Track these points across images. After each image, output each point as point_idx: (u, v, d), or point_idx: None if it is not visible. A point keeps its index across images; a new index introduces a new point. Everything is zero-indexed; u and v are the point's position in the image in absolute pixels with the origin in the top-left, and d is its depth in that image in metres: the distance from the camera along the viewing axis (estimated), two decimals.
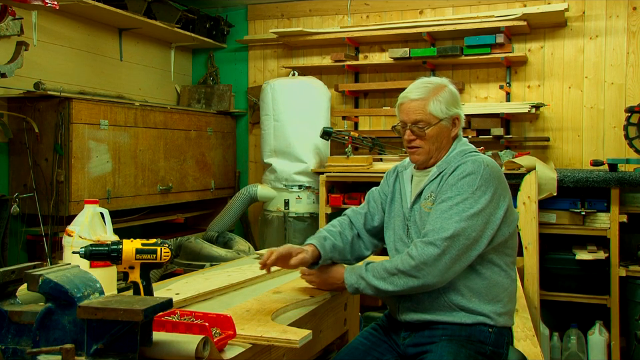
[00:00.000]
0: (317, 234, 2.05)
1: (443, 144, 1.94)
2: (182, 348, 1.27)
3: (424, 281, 1.76)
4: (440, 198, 1.83)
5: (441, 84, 1.95)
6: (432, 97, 1.91)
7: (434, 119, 1.90)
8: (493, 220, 1.80)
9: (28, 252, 3.48)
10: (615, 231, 3.57)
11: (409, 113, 1.93)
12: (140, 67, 4.56)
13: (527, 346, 2.56)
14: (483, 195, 1.79)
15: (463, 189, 1.80)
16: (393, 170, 2.13)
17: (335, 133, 4.04)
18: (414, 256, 1.76)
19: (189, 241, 4.06)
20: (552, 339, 3.71)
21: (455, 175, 1.84)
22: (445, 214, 1.78)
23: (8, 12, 2.83)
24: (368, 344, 1.96)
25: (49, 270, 1.29)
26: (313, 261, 1.95)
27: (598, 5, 4.14)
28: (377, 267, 1.83)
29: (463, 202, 1.78)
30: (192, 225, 4.75)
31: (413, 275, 1.75)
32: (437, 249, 1.74)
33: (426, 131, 1.91)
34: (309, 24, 4.86)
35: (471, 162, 1.85)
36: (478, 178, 1.80)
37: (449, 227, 1.75)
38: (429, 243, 1.75)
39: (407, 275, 1.76)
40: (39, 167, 3.37)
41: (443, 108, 1.90)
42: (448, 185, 1.83)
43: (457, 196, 1.79)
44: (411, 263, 1.75)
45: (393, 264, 1.79)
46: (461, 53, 4.16)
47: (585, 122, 4.18)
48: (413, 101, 1.93)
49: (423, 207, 1.89)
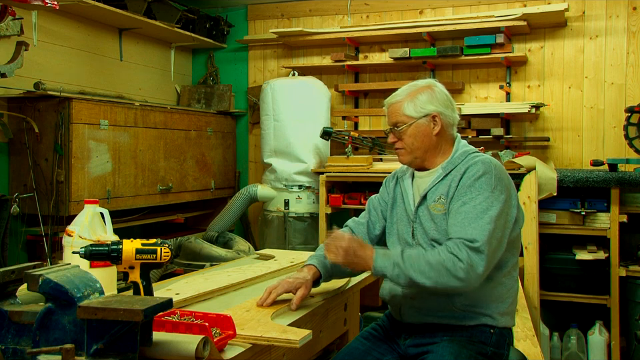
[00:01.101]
0: (317, 251, 2.02)
1: (425, 143, 1.93)
2: (182, 348, 1.27)
3: (466, 285, 1.71)
4: (460, 200, 1.80)
5: (422, 85, 1.97)
6: (407, 98, 1.94)
7: (408, 118, 1.93)
8: (509, 219, 1.81)
9: (28, 252, 3.48)
10: (614, 231, 3.57)
11: (390, 116, 1.99)
12: (140, 67, 4.56)
13: (527, 346, 2.56)
14: (500, 195, 1.79)
15: (482, 188, 1.79)
16: (392, 176, 2.13)
17: (335, 132, 4.04)
18: (463, 259, 1.69)
19: (189, 241, 4.06)
20: (552, 339, 3.71)
21: (469, 176, 1.82)
22: (472, 216, 1.75)
23: (8, 12, 2.83)
24: (368, 344, 1.96)
25: (49, 270, 1.29)
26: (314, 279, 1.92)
27: (598, 5, 4.14)
28: (415, 257, 1.74)
29: (485, 201, 1.77)
30: (192, 225, 4.75)
31: (459, 277, 1.69)
32: (481, 254, 1.70)
33: (402, 131, 1.93)
34: (309, 24, 4.86)
35: (480, 162, 1.85)
36: (492, 178, 1.81)
37: (483, 230, 1.72)
38: (474, 248, 1.70)
39: (452, 276, 1.69)
40: (39, 167, 3.37)
41: (417, 107, 1.92)
42: (465, 186, 1.81)
43: (477, 196, 1.78)
44: (461, 265, 1.68)
45: (436, 259, 1.71)
46: (461, 52, 4.16)
47: (585, 122, 4.18)
48: (393, 104, 1.98)
49: (432, 209, 1.87)
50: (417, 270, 1.72)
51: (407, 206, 1.97)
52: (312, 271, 1.93)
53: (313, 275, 1.92)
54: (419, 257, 1.75)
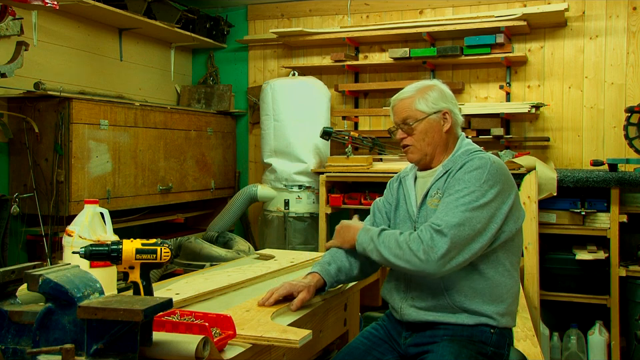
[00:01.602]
0: (321, 260, 2.03)
1: (435, 140, 1.95)
2: (182, 348, 1.27)
3: (427, 266, 1.74)
4: (447, 192, 1.84)
5: (430, 84, 2.00)
6: (418, 94, 1.96)
7: (421, 114, 1.94)
8: (497, 214, 1.80)
9: (28, 252, 3.48)
10: (615, 231, 3.57)
11: (398, 113, 1.98)
12: (140, 67, 4.56)
13: (526, 346, 2.56)
14: (489, 189, 1.80)
15: (470, 182, 1.81)
16: (395, 178, 2.14)
17: (335, 132, 4.04)
18: (424, 240, 1.75)
19: (189, 241, 4.06)
20: (552, 339, 3.71)
21: (462, 170, 1.85)
22: (451, 204, 1.78)
23: (8, 12, 2.83)
24: (368, 344, 1.96)
25: (49, 270, 1.29)
26: (317, 293, 1.92)
27: (598, 5, 4.14)
28: (389, 235, 1.85)
29: (469, 194, 1.78)
30: (192, 225, 4.75)
31: (419, 257, 1.74)
32: (444, 237, 1.73)
33: (413, 127, 1.94)
34: (309, 24, 4.86)
35: (477, 158, 1.86)
36: (485, 172, 1.81)
37: (454, 216, 1.75)
38: (437, 230, 1.74)
39: (414, 255, 1.75)
40: (39, 167, 3.37)
41: (429, 103, 1.94)
42: (455, 179, 1.84)
43: (463, 189, 1.80)
44: (422, 246, 1.74)
45: (404, 238, 1.80)
46: (461, 52, 4.16)
47: (585, 122, 4.18)
48: (401, 100, 1.99)
49: (429, 205, 1.90)
50: (386, 246, 1.83)
51: (409, 207, 1.98)
52: (315, 278, 1.93)
53: (316, 282, 1.91)
54: (392, 235, 1.84)
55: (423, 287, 1.88)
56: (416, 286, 1.90)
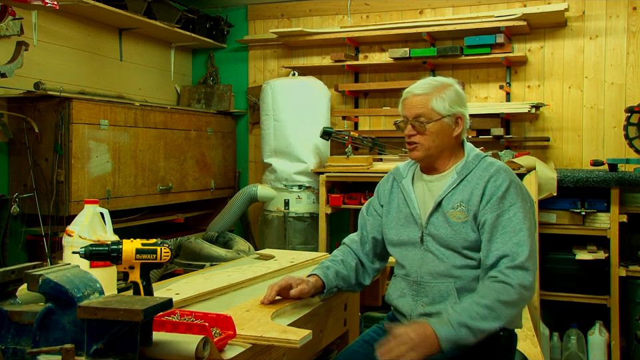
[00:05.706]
0: (320, 264, 2.01)
1: (444, 143, 1.90)
2: (182, 348, 1.27)
3: (524, 303, 1.75)
4: (493, 212, 1.79)
5: (447, 83, 1.93)
6: (436, 93, 1.88)
7: (436, 114, 1.87)
8: (535, 224, 1.84)
9: (28, 252, 3.48)
10: (614, 231, 3.57)
11: (411, 108, 1.90)
12: (140, 67, 4.56)
13: (526, 346, 2.56)
14: (526, 203, 1.83)
15: (513, 199, 1.80)
16: (386, 179, 2.08)
17: (335, 132, 4.04)
18: (513, 284, 1.69)
19: (189, 241, 4.06)
20: (552, 339, 3.71)
21: (496, 186, 1.82)
22: (508, 228, 1.77)
23: (8, 12, 2.83)
24: (369, 348, 1.94)
25: (49, 270, 1.29)
26: (315, 292, 1.90)
27: (598, 5, 4.14)
28: (469, 308, 1.67)
29: (518, 213, 1.79)
30: (192, 225, 4.75)
31: (517, 302, 1.71)
32: (527, 270, 1.72)
33: (426, 126, 1.88)
34: (309, 24, 4.86)
35: (501, 170, 1.85)
36: (518, 186, 1.83)
37: (523, 245, 1.74)
38: (519, 267, 1.72)
39: (512, 305, 1.70)
40: (39, 167, 3.36)
41: (446, 105, 1.87)
42: (496, 198, 1.80)
43: (511, 207, 1.79)
44: (514, 291, 1.69)
45: (490, 298, 1.68)
46: (461, 52, 4.16)
47: (585, 122, 4.18)
48: (417, 95, 1.90)
49: (450, 217, 1.84)
50: (481, 318, 1.65)
51: (412, 210, 1.92)
52: (314, 278, 1.91)
53: (315, 281, 1.90)
54: (471, 305, 1.68)
55: (435, 291, 1.85)
56: (426, 292, 1.87)
